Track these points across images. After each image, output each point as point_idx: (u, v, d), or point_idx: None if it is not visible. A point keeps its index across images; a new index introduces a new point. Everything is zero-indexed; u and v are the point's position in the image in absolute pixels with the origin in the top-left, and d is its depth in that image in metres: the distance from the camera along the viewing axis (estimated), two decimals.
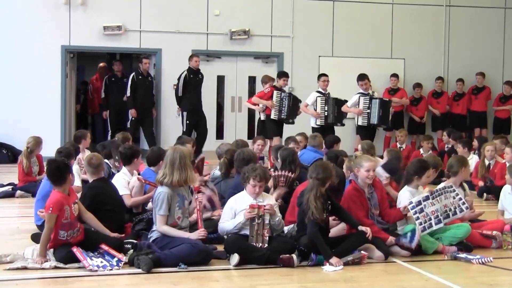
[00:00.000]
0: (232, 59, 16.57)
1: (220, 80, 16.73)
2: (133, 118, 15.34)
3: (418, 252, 7.28)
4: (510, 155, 10.95)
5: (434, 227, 7.39)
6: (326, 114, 13.79)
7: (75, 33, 15.78)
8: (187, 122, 14.93)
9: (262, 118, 14.15)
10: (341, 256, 6.86)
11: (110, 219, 7.26)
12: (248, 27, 16.44)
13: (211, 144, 13.12)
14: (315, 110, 13.79)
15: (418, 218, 7.36)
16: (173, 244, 6.75)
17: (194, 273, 6.55)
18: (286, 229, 7.50)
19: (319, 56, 16.88)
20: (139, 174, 8.66)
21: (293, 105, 13.90)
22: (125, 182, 8.22)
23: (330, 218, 7.36)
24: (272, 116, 13.87)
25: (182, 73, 14.83)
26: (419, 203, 7.42)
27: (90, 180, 7.71)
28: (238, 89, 16.51)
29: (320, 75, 14.21)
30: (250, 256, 6.79)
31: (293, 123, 14.05)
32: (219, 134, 16.52)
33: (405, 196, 7.64)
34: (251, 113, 16.37)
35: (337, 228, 7.53)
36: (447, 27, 17.79)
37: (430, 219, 7.38)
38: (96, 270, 6.47)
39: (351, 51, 17.00)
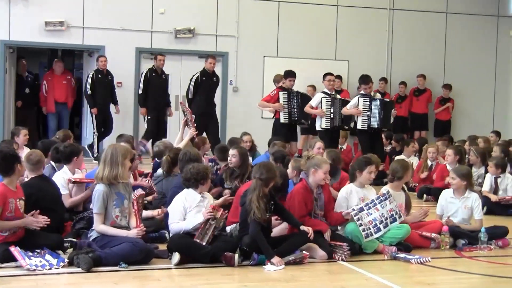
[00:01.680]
0: (177, 57, 16.47)
1: None
2: (148, 118, 14.75)
3: (358, 252, 7.37)
4: (452, 157, 11.14)
5: (375, 235, 7.52)
6: (332, 116, 12.83)
7: (15, 28, 15.48)
8: (195, 125, 14.15)
9: (281, 120, 13.45)
10: (283, 256, 6.88)
11: (49, 218, 7.11)
12: (193, 26, 16.37)
13: (153, 143, 13.02)
14: None
15: (361, 225, 7.49)
16: (114, 243, 6.67)
17: (135, 272, 6.49)
18: (228, 228, 7.51)
19: (264, 57, 16.92)
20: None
21: (304, 105, 13.21)
22: (64, 181, 8.08)
23: (273, 218, 7.38)
24: (282, 120, 13.30)
25: (195, 75, 14.33)
26: (355, 214, 7.53)
27: (28, 178, 7.56)
28: (182, 88, 16.37)
29: (325, 74, 13.32)
30: (195, 254, 6.77)
31: (306, 124, 13.55)
32: (162, 133, 16.33)
33: (343, 194, 7.80)
34: None
35: (279, 228, 7.55)
36: (391, 30, 18.02)
37: (369, 228, 7.50)
38: (34, 270, 6.35)
39: (295, 52, 17.07)
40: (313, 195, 7.53)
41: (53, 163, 8.67)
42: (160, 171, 9.12)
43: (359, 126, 12.65)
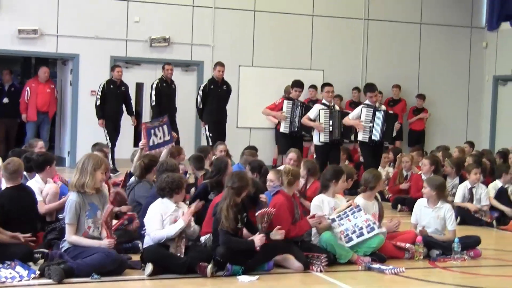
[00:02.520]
0: (152, 66, 16.39)
1: (139, 87, 16.51)
2: (210, 134, 14.24)
3: (333, 262, 7.35)
4: (427, 167, 11.20)
5: (346, 245, 7.52)
6: (331, 130, 12.12)
7: None
8: (210, 135, 13.94)
9: (281, 130, 13.00)
10: (255, 268, 6.87)
11: (21, 229, 7.03)
12: (168, 34, 16.31)
13: (128, 151, 12.84)
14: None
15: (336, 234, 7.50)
16: (86, 254, 6.61)
17: (107, 283, 6.43)
18: (203, 238, 7.48)
19: (239, 66, 16.90)
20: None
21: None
22: (37, 189, 7.99)
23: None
24: (282, 130, 12.81)
25: (203, 84, 14.28)
26: (332, 219, 7.54)
27: (4, 187, 7.46)
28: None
29: (323, 85, 12.80)
30: (171, 264, 6.75)
31: (309, 136, 13.00)
32: (137, 142, 16.21)
33: (315, 203, 7.83)
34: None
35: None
36: (366, 40, 18.11)
37: (340, 238, 7.52)
38: (4, 282, 6.25)
39: (271, 61, 17.08)
40: (294, 205, 7.56)
41: (25, 173, 8.56)
42: (133, 179, 9.05)
43: (359, 138, 12.10)
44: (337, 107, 12.62)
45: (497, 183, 10.91)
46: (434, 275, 7.33)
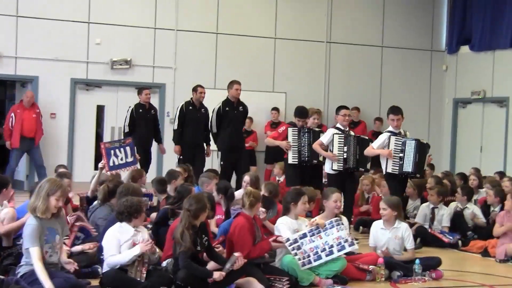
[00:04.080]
0: (113, 88, 16.29)
1: (100, 110, 16.38)
2: (180, 157, 13.31)
3: (295, 285, 7.32)
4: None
5: (314, 264, 7.52)
6: (345, 157, 10.85)
7: None
8: (221, 163, 12.87)
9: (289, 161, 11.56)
10: None
11: None
12: (129, 57, 16.23)
13: (89, 175, 12.66)
14: (331, 151, 10.89)
15: (296, 254, 7.48)
16: None
17: None
18: (164, 263, 7.40)
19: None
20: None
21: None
22: None
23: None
24: (291, 161, 11.39)
25: (218, 105, 12.99)
26: (295, 240, 7.52)
27: None
28: (119, 119, 16.19)
29: (339, 108, 11.37)
30: None
31: (319, 163, 11.55)
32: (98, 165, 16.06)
33: (283, 227, 7.78)
34: None
35: (213, 265, 7.41)
36: (328, 63, 18.23)
37: (309, 255, 7.49)
38: None
39: None
40: (255, 228, 7.55)
41: None
42: (96, 202, 8.95)
43: (388, 170, 10.50)
44: (352, 133, 11.40)
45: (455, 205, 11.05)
46: None
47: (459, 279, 8.26)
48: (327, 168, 11.04)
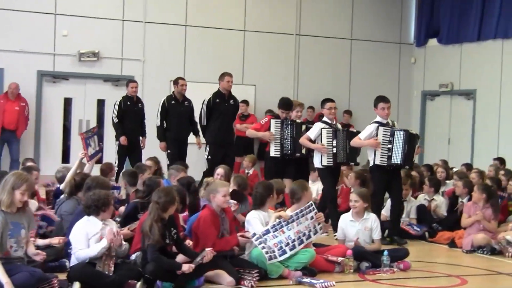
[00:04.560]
0: (80, 81, 16.15)
1: (67, 102, 16.23)
2: (168, 151, 13.07)
3: (264, 277, 7.32)
4: (353, 181, 11.27)
5: (279, 258, 7.51)
6: (334, 151, 10.47)
7: None
8: (209, 157, 12.44)
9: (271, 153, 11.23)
10: (186, 284, 6.84)
11: None
12: (97, 49, 16.09)
13: (56, 168, 12.50)
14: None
15: (263, 248, 7.47)
16: (9, 273, 6.35)
17: None
18: (133, 256, 7.32)
19: (170, 81, 16.68)
20: None
21: (298, 136, 11.01)
22: None
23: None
24: (273, 153, 11.10)
25: (208, 97, 12.61)
26: (260, 236, 7.51)
27: None
28: (86, 112, 16.07)
29: (324, 101, 10.94)
30: (99, 283, 6.60)
31: (303, 156, 11.26)
32: (65, 158, 15.95)
33: (255, 221, 7.77)
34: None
35: (182, 258, 7.39)
36: (297, 55, 18.25)
37: (273, 251, 7.49)
38: None
39: (202, 76, 17.00)
40: (219, 220, 7.51)
41: None
42: (63, 196, 8.87)
43: (376, 162, 10.05)
44: (339, 126, 11.00)
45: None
46: (364, 287, 7.38)
47: (426, 270, 8.33)
48: (317, 162, 10.65)
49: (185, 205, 8.31)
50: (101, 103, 16.49)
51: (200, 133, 13.29)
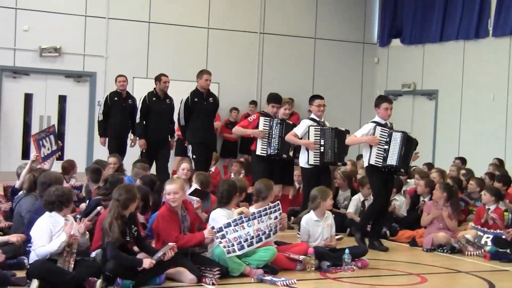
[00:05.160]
0: (42, 77, 15.96)
1: (28, 98, 16.04)
2: (143, 151, 12.55)
3: (225, 275, 7.32)
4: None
5: (238, 252, 7.50)
6: (322, 150, 10.17)
7: None
8: (194, 157, 11.93)
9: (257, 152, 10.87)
10: (146, 282, 6.81)
11: None
12: (59, 44, 15.91)
13: (16, 165, 12.36)
14: None
15: (221, 242, 7.46)
16: None
17: None
18: (93, 253, 7.28)
19: (134, 77, 16.66)
20: None
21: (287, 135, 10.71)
22: None
23: None
24: (259, 152, 10.73)
25: (186, 96, 12.14)
26: (220, 229, 7.51)
27: None
28: (47, 108, 15.90)
29: (313, 97, 10.65)
30: (58, 279, 6.53)
31: (289, 158, 10.95)
32: (25, 154, 15.75)
33: (223, 219, 7.73)
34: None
35: (143, 255, 7.31)
36: (261, 54, 18.25)
37: (233, 245, 7.49)
38: None
39: (166, 73, 16.85)
40: (178, 217, 7.46)
41: None
42: (21, 192, 8.75)
43: (371, 161, 9.56)
44: (327, 124, 10.57)
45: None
46: (325, 286, 7.42)
47: (387, 268, 8.38)
48: (302, 162, 10.29)
49: (148, 204, 8.25)
50: (62, 99, 16.32)
51: (176, 134, 13.12)
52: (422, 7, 18.26)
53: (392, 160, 9.46)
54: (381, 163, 9.50)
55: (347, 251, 7.99)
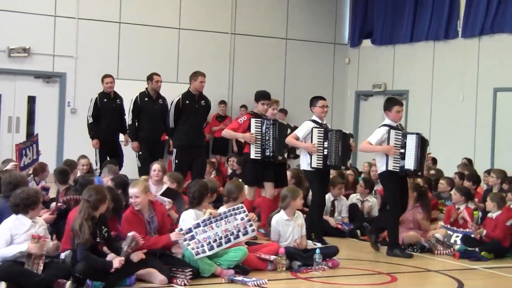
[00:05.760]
0: (10, 77, 15.79)
1: None
2: (140, 153, 12.36)
3: (197, 276, 7.30)
4: (289, 179, 11.28)
5: (208, 253, 7.49)
6: (326, 153, 9.67)
7: None
8: (176, 161, 11.57)
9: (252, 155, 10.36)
10: (116, 283, 6.78)
11: None
12: (28, 44, 15.75)
13: None
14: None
15: (189, 244, 7.45)
16: None
17: None
18: (62, 255, 7.22)
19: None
20: None
21: (281, 137, 10.21)
22: None
23: None
24: (253, 155, 10.23)
25: (177, 97, 11.73)
26: (190, 230, 7.48)
27: None
28: (16, 109, 15.74)
29: (316, 98, 10.04)
30: (27, 282, 6.46)
31: (283, 161, 10.64)
32: None
33: (188, 220, 7.71)
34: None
35: (113, 256, 7.26)
36: (232, 54, 18.24)
37: (203, 245, 7.47)
38: None
39: (137, 74, 16.80)
40: (144, 218, 7.44)
41: None
42: None
43: (389, 167, 9.21)
44: (328, 126, 10.05)
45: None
46: (296, 286, 7.43)
47: (358, 268, 8.42)
48: (304, 164, 9.77)
49: (121, 206, 8.16)
50: (31, 100, 16.17)
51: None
52: (392, 8, 18.38)
53: (410, 164, 9.18)
54: (398, 168, 9.20)
55: (317, 251, 8.02)
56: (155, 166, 10.00)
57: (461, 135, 16.63)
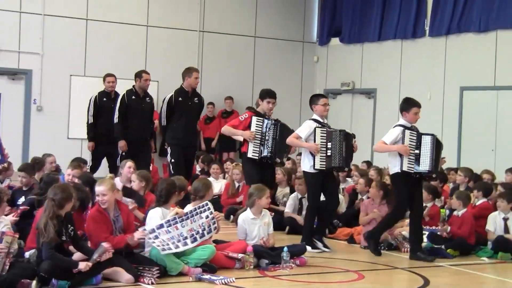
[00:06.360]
0: None
1: None
2: (123, 153, 11.99)
3: (164, 274, 7.27)
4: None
5: (174, 250, 7.44)
6: (329, 154, 9.24)
7: None
8: (172, 160, 11.41)
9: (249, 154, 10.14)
10: (83, 283, 6.74)
11: None
12: None
13: None
14: None
15: (154, 242, 7.41)
16: None
17: None
18: (27, 254, 7.18)
19: (71, 75, 16.43)
20: None
21: (282, 138, 9.95)
22: None
23: None
24: (250, 154, 10.01)
25: (170, 94, 11.56)
26: (153, 230, 7.48)
27: None
28: None
29: (317, 96, 9.78)
30: None
31: (282, 163, 10.57)
32: None
33: (154, 219, 7.66)
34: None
35: (79, 255, 7.18)
36: (201, 52, 18.19)
37: (167, 244, 7.43)
38: None
39: (104, 71, 16.52)
40: (109, 217, 7.40)
41: None
42: None
43: (404, 168, 8.93)
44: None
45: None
46: (264, 284, 7.41)
47: (326, 265, 8.43)
48: (306, 166, 9.38)
49: (86, 204, 8.10)
50: None
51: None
52: (360, 7, 18.47)
53: (425, 165, 8.95)
54: (413, 169, 8.97)
55: (285, 249, 8.01)
56: (130, 163, 9.90)
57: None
